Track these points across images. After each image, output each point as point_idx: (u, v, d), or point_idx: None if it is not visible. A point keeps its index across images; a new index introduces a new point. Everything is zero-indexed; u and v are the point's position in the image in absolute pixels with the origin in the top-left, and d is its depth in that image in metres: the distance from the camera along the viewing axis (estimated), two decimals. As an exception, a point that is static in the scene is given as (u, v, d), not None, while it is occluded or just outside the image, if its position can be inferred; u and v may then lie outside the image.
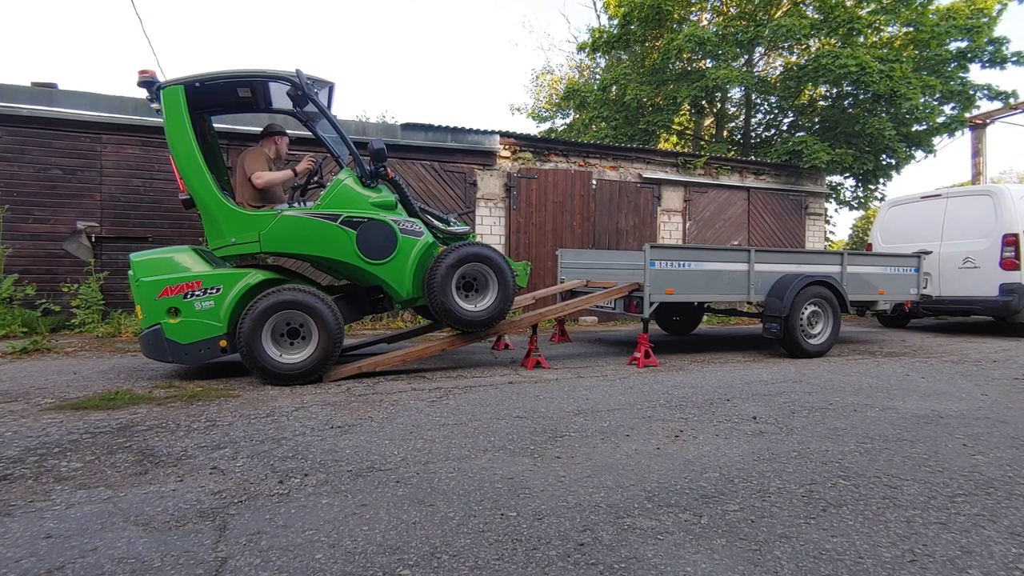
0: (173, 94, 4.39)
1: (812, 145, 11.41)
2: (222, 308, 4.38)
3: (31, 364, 5.14)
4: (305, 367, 4.35)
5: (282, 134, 5.21)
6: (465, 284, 4.92)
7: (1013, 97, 12.88)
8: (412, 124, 8.94)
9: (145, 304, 4.33)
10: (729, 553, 1.87)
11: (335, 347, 4.43)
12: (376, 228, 4.63)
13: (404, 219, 4.79)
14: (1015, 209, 7.92)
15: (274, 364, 4.30)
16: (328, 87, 5.09)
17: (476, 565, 1.78)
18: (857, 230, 21.78)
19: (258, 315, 4.25)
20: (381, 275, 4.69)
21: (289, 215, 4.55)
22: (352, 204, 4.64)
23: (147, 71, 4.45)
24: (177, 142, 4.42)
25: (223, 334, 4.38)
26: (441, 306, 4.65)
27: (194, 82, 4.44)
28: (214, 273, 4.44)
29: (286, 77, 4.55)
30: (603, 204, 10.09)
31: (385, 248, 4.64)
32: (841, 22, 11.86)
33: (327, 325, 4.38)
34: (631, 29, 13.88)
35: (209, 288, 4.38)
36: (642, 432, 3.21)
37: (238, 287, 4.43)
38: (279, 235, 4.52)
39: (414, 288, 4.75)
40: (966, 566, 1.81)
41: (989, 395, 4.31)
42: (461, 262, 4.76)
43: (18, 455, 2.70)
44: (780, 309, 5.85)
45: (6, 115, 7.05)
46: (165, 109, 4.40)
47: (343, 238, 4.57)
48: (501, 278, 4.91)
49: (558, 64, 37.80)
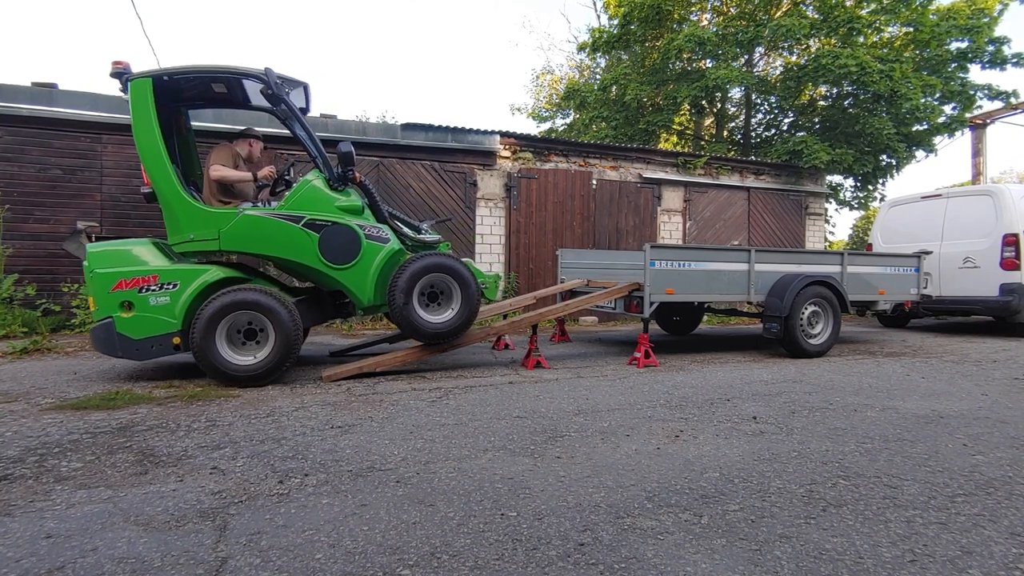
0: (140, 87, 4.34)
1: (812, 145, 11.42)
2: (178, 305, 4.29)
3: (31, 364, 5.15)
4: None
5: (257, 138, 5.18)
6: (430, 294, 4.83)
7: (1013, 97, 12.89)
8: (412, 124, 8.94)
9: (98, 296, 4.24)
10: (729, 553, 1.87)
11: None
12: (340, 232, 4.56)
13: (371, 224, 4.71)
14: (1015, 209, 7.92)
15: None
16: (302, 87, 5.05)
17: (476, 565, 1.78)
18: (857, 230, 21.77)
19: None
20: (343, 280, 4.62)
21: (250, 214, 4.48)
22: (317, 206, 4.57)
23: (120, 62, 4.39)
24: (141, 134, 4.37)
25: (177, 331, 4.28)
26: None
27: (162, 75, 4.40)
28: (172, 268, 4.36)
29: (255, 75, 4.52)
30: (603, 204, 10.09)
31: (348, 253, 4.58)
32: (841, 22, 11.86)
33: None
34: (631, 29, 13.89)
35: (166, 283, 4.29)
36: (642, 432, 3.21)
37: (195, 284, 4.34)
38: (239, 234, 4.46)
39: (376, 295, 4.69)
40: (966, 566, 1.81)
41: (989, 395, 4.31)
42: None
43: (18, 455, 2.70)
44: (780, 309, 5.85)
45: (6, 115, 7.06)
46: (131, 101, 4.35)
47: (305, 241, 4.50)
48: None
49: (558, 64, 37.83)
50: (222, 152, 4.80)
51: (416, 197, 8.86)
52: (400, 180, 8.77)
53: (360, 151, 8.55)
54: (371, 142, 8.61)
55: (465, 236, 9.20)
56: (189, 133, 5.28)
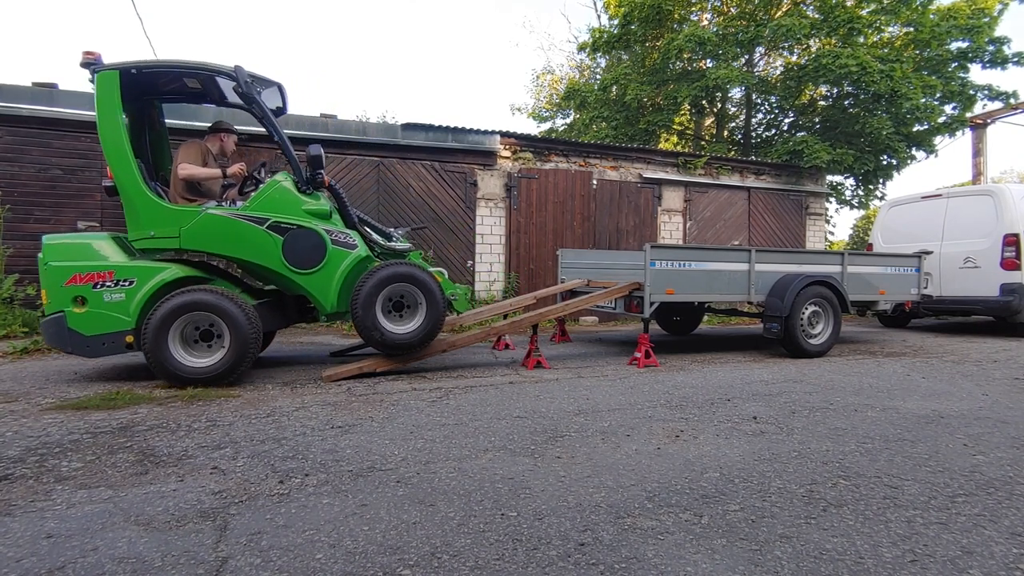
0: (107, 79, 4.26)
1: (812, 145, 11.42)
2: (133, 302, 4.20)
3: (31, 364, 5.15)
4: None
5: (229, 131, 5.07)
6: (395, 304, 4.74)
7: (1013, 97, 12.89)
8: (412, 124, 8.94)
9: (50, 290, 4.15)
10: (729, 553, 1.87)
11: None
12: (305, 236, 4.49)
13: (338, 230, 4.64)
14: (1016, 209, 7.92)
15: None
16: (276, 86, 5.02)
17: (476, 565, 1.78)
18: (857, 230, 21.76)
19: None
20: (306, 285, 4.55)
21: (213, 213, 4.42)
22: (283, 209, 4.50)
23: (92, 53, 4.31)
24: (105, 127, 4.29)
25: (130, 329, 4.19)
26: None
27: (130, 68, 4.32)
28: (129, 265, 4.28)
29: (224, 72, 4.46)
30: (603, 204, 10.09)
31: (312, 258, 4.50)
32: (841, 22, 11.86)
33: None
34: (631, 29, 13.89)
35: (122, 280, 4.21)
36: (642, 432, 3.21)
37: (153, 282, 4.26)
38: (200, 233, 4.39)
39: (340, 302, 4.61)
40: (967, 566, 1.81)
41: (990, 395, 4.31)
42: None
43: (19, 455, 2.70)
44: (780, 309, 5.85)
45: (7, 115, 7.06)
46: (97, 92, 4.28)
47: (268, 243, 4.44)
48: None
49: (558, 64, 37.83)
50: (191, 149, 4.71)
51: (416, 197, 8.86)
52: (400, 180, 8.76)
53: (360, 151, 8.59)
54: (371, 142, 8.61)
55: (465, 236, 9.20)
56: (162, 127, 5.22)
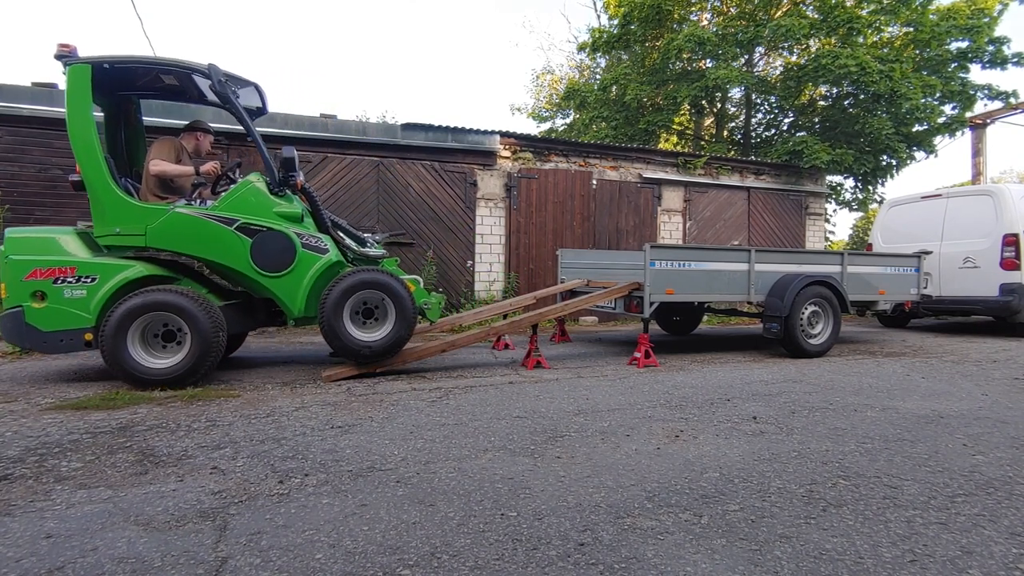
0: (79, 72, 4.21)
1: (812, 145, 11.42)
2: (94, 300, 4.15)
3: (31, 364, 5.15)
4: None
5: (205, 131, 5.03)
6: (365, 311, 4.65)
7: (1013, 97, 12.89)
8: (412, 124, 8.94)
9: (10, 284, 4.11)
10: (729, 553, 1.87)
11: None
12: (274, 239, 4.43)
13: (309, 234, 4.57)
14: (1015, 209, 7.92)
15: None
16: (253, 86, 4.99)
17: (476, 565, 1.78)
18: (857, 230, 21.78)
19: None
20: (273, 289, 4.50)
21: (181, 212, 4.36)
22: (253, 210, 4.45)
23: (67, 45, 4.26)
24: (74, 120, 4.23)
25: (90, 327, 4.13)
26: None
27: (103, 63, 4.28)
28: (92, 261, 4.23)
29: (198, 69, 4.42)
30: (603, 204, 10.09)
31: (281, 261, 4.45)
32: (841, 22, 11.86)
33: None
34: (631, 29, 13.89)
35: (84, 276, 4.16)
36: (642, 432, 3.21)
37: (115, 280, 4.21)
38: (168, 231, 4.33)
39: (308, 307, 4.55)
40: (966, 566, 1.81)
41: (989, 395, 4.31)
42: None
43: (18, 455, 2.70)
44: (780, 309, 5.85)
45: (7, 115, 7.05)
46: (68, 86, 4.23)
47: (237, 244, 4.38)
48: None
49: (558, 64, 37.82)
50: (164, 145, 4.66)
51: (416, 197, 8.86)
52: (400, 180, 8.76)
53: (360, 151, 8.59)
54: (371, 142, 8.60)
55: (465, 236, 9.20)
56: (139, 124, 5.17)
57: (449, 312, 8.68)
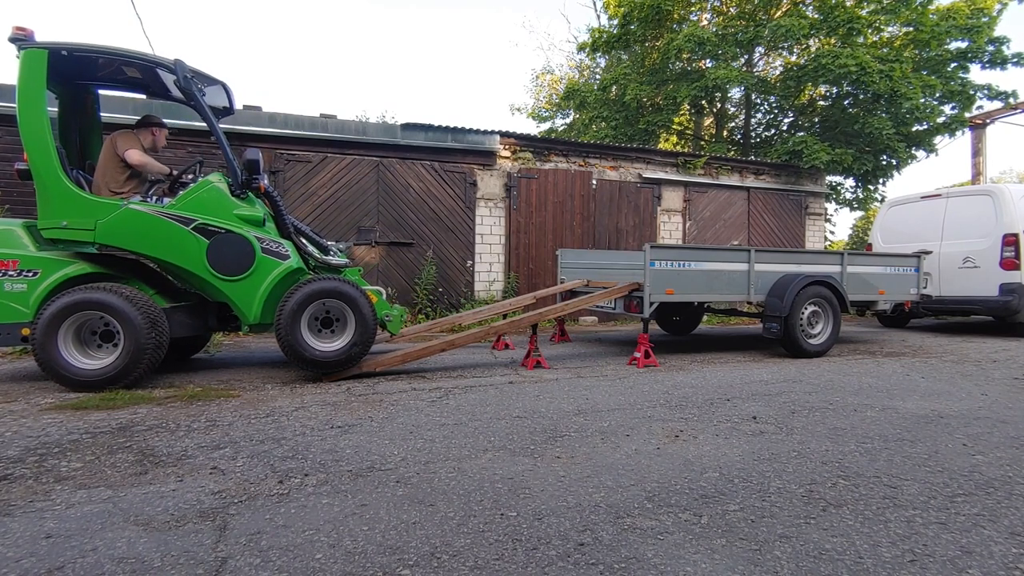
0: (34, 57, 4.07)
1: (812, 145, 11.42)
2: (33, 294, 4.08)
3: (31, 364, 5.14)
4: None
5: (160, 126, 4.87)
6: (324, 320, 4.57)
7: (1013, 97, 12.89)
8: (412, 124, 8.94)
9: None
10: (729, 553, 1.87)
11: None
12: (233, 242, 4.32)
13: (270, 238, 4.48)
14: (1015, 209, 7.92)
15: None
16: (220, 85, 4.92)
17: (476, 565, 1.78)
18: (857, 230, 21.79)
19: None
20: (228, 293, 4.40)
21: (135, 208, 4.24)
22: (212, 211, 4.35)
23: (24, 29, 4.12)
24: (25, 107, 4.09)
25: (27, 322, 4.05)
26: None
27: (60, 49, 4.14)
28: (35, 256, 4.16)
29: (164, 64, 4.32)
30: (603, 204, 10.08)
31: (239, 265, 4.35)
32: (841, 22, 11.86)
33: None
34: (631, 29, 13.89)
35: (25, 270, 4.10)
36: (642, 432, 3.21)
37: (57, 275, 4.14)
38: (118, 228, 4.20)
39: (264, 313, 4.47)
40: (966, 566, 1.81)
41: (989, 395, 4.31)
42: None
43: (18, 455, 2.70)
44: (780, 309, 5.85)
45: (6, 115, 7.04)
46: (20, 70, 4.08)
47: (192, 245, 4.27)
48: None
49: (558, 64, 37.81)
50: (131, 138, 4.53)
51: (416, 197, 8.86)
52: (400, 180, 8.76)
53: (360, 151, 8.59)
54: (371, 142, 8.60)
55: (465, 236, 9.20)
56: (95, 116, 5.06)
57: (449, 312, 8.69)
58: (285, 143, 8.10)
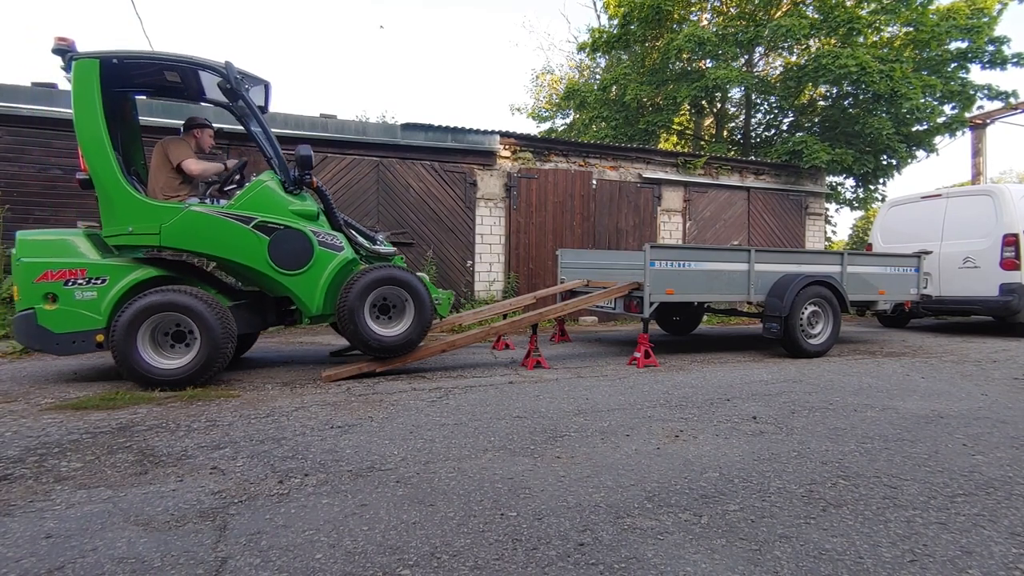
0: (86, 67, 4.12)
1: (812, 145, 11.42)
2: (104, 301, 4.17)
3: (31, 364, 5.14)
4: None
5: (204, 126, 4.94)
6: (382, 307, 4.72)
7: (1013, 97, 12.89)
8: (412, 124, 8.94)
9: (22, 286, 4.11)
10: (729, 553, 1.87)
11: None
12: (292, 237, 4.43)
13: (325, 232, 4.59)
14: (1015, 209, 7.92)
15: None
16: (263, 85, 4.97)
17: (476, 565, 1.78)
18: (857, 230, 21.77)
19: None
20: (291, 287, 4.49)
21: (197, 210, 4.33)
22: (269, 208, 4.45)
23: (65, 39, 4.15)
24: (82, 118, 4.16)
25: (100, 328, 4.15)
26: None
27: (111, 58, 4.18)
28: (101, 263, 4.24)
29: (214, 67, 4.37)
30: (603, 204, 10.09)
31: (299, 259, 4.45)
32: (841, 22, 11.86)
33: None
34: (631, 29, 13.89)
35: (94, 278, 4.18)
36: (642, 432, 3.21)
37: (125, 281, 4.23)
38: (182, 230, 4.29)
39: (325, 304, 4.56)
40: (966, 566, 1.81)
41: (989, 395, 4.31)
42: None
43: (18, 455, 2.70)
44: (780, 309, 5.85)
45: (6, 115, 7.06)
46: (74, 81, 4.14)
47: (254, 243, 4.37)
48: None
49: (558, 64, 37.82)
50: (181, 145, 4.60)
51: (416, 197, 8.86)
52: (400, 180, 8.76)
53: (360, 151, 8.59)
54: (371, 142, 8.61)
55: (465, 236, 9.20)
56: (135, 121, 5.11)
57: (449, 312, 8.69)
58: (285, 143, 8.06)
